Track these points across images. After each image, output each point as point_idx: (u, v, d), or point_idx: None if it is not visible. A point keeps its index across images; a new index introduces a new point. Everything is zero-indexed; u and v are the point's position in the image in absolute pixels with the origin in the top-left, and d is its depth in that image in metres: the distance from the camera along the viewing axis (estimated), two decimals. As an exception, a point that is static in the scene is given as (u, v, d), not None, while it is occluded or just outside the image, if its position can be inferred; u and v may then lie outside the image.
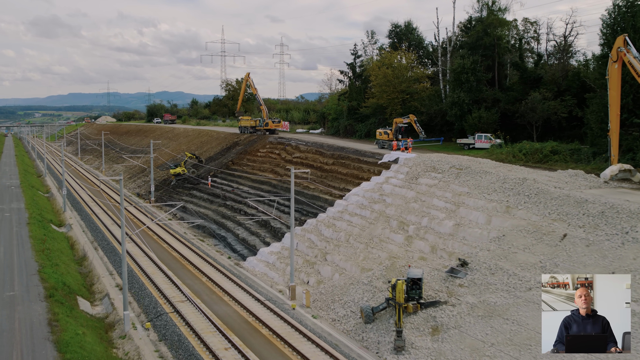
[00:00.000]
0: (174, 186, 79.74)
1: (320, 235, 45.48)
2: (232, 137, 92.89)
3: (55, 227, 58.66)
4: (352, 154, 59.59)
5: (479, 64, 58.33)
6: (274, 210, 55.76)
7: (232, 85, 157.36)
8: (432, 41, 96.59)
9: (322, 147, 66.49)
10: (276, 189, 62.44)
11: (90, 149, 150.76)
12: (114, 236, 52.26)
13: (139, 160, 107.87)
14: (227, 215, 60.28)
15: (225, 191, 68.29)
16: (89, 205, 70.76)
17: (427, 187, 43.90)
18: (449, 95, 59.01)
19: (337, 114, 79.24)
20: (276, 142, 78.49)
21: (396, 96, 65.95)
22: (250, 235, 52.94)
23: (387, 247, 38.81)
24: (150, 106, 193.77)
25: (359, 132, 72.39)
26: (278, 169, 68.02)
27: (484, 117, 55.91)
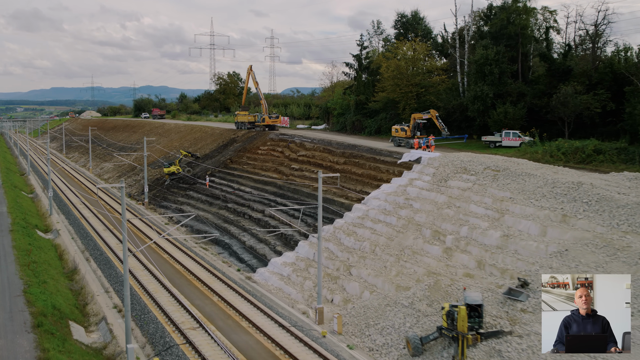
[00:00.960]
0: (168, 186, 74.63)
1: (340, 244, 40.85)
2: (229, 133, 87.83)
3: (41, 234, 53.45)
4: (366, 153, 54.95)
5: (503, 54, 53.88)
6: (286, 216, 51.04)
7: (224, 79, 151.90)
8: (441, 32, 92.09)
9: (331, 145, 61.78)
10: (282, 190, 57.66)
11: (76, 145, 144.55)
12: (108, 245, 47.21)
13: (129, 159, 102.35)
14: (229, 220, 55.39)
15: (226, 192, 63.36)
16: (77, 207, 65.46)
17: (460, 191, 39.40)
18: (470, 89, 54.54)
19: (343, 109, 74.45)
20: (278, 138, 73.62)
21: (410, 90, 61.34)
22: (258, 243, 48.15)
23: (422, 260, 34.27)
24: (138, 101, 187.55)
25: (369, 129, 67.70)
26: (282, 169, 63.20)
27: (510, 113, 51.51)
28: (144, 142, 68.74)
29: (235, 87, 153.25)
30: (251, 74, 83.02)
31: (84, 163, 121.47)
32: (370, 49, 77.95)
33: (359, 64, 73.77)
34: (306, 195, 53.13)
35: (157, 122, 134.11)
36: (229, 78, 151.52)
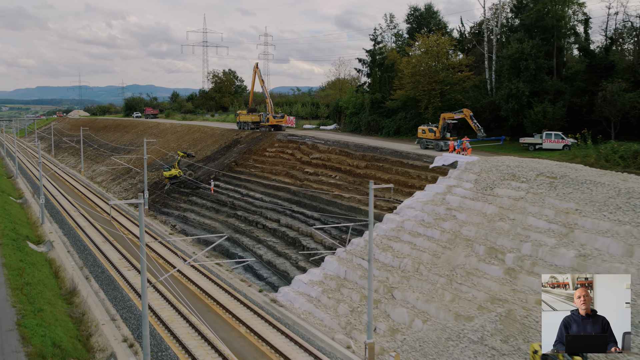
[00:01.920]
0: (168, 191, 69.60)
1: (376, 261, 36.20)
2: (231, 133, 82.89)
3: (32, 246, 48.33)
4: (390, 156, 50.38)
5: (539, 48, 49.48)
6: (305, 226, 46.35)
7: (219, 76, 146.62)
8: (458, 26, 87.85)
9: (348, 147, 57.12)
10: (297, 196, 52.92)
11: (65, 146, 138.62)
12: (109, 261, 42.25)
13: (123, 161, 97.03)
14: (240, 229, 50.55)
15: (233, 198, 58.50)
16: (71, 215, 60.29)
17: (512, 201, 34.93)
18: (503, 86, 50.07)
19: (356, 108, 69.74)
20: (286, 139, 68.84)
21: (433, 87, 56.79)
22: (276, 257, 43.38)
23: (480, 282, 29.73)
24: (129, 99, 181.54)
25: (386, 129, 63.04)
26: (295, 173, 58.44)
27: (550, 112, 47.13)
28: (143, 144, 63.65)
29: (231, 86, 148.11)
30: (257, 72, 78.17)
31: (75, 165, 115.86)
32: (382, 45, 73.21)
33: (373, 60, 69.14)
34: (326, 203, 48.46)
35: (150, 122, 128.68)
36: (225, 76, 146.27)
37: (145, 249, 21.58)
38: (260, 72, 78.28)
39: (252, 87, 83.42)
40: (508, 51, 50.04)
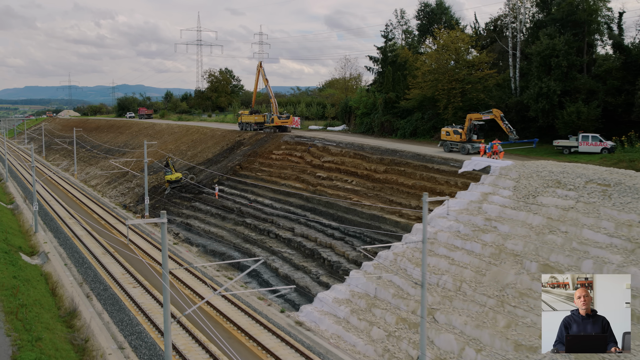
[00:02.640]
0: (168, 195, 65.86)
1: (409, 277, 32.79)
2: (232, 135, 79.23)
3: (26, 258, 44.55)
4: (412, 159, 47.02)
5: (571, 44, 46.28)
6: (323, 236, 42.90)
7: (215, 76, 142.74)
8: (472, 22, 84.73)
9: (363, 149, 53.69)
10: (311, 203, 49.45)
11: (57, 147, 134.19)
12: (112, 276, 38.53)
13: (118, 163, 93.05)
14: (251, 239, 47.02)
15: (240, 204, 54.92)
16: (66, 222, 56.43)
17: (561, 211, 31.64)
18: (533, 85, 46.77)
19: (368, 108, 66.28)
20: (293, 141, 65.33)
21: (453, 86, 53.45)
22: (294, 270, 39.86)
23: (538, 305, 26.31)
24: (122, 99, 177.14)
25: (402, 130, 59.59)
26: (306, 177, 54.95)
27: (584, 113, 43.95)
28: (143, 146, 59.79)
29: (228, 85, 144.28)
30: (261, 70, 74.58)
31: (67, 167, 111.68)
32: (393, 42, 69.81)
33: (384, 58, 65.73)
34: (344, 211, 45.02)
35: (145, 122, 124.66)
36: (221, 75, 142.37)
37: (168, 277, 18.03)
38: (264, 71, 74.63)
39: (255, 87, 79.81)
40: (537, 47, 46.79)
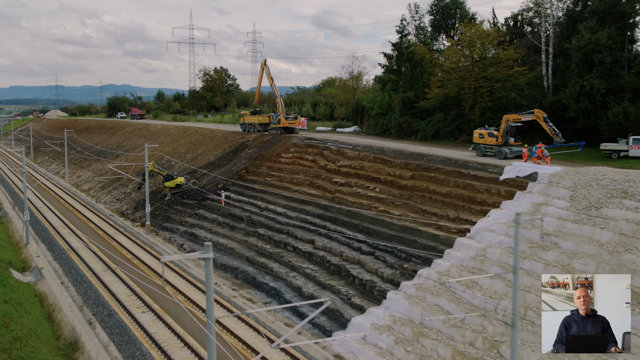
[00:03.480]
0: (169, 202, 61.44)
1: (459, 301, 28.80)
2: (235, 136, 74.92)
3: (17, 275, 40.14)
4: (442, 164, 43.07)
5: (615, 39, 42.56)
6: (348, 250, 38.79)
7: (210, 74, 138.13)
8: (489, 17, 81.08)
9: (383, 152, 49.69)
10: (330, 212, 45.33)
11: (46, 149, 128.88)
12: (116, 298, 34.18)
13: (111, 166, 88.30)
14: (266, 252, 42.82)
15: (250, 212, 50.69)
16: (59, 232, 51.92)
17: (635, 226, 27.78)
18: (573, 83, 42.98)
19: (383, 108, 62.23)
20: (303, 144, 61.18)
21: (480, 84, 49.56)
22: (320, 290, 35.72)
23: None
24: (112, 99, 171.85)
25: (422, 132, 55.52)
26: (321, 183, 50.84)
27: (632, 114, 40.24)
28: (144, 148, 55.28)
29: (223, 84, 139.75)
30: (265, 69, 70.26)
31: (57, 170, 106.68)
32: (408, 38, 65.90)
33: (400, 55, 61.75)
34: (370, 221, 40.94)
35: (138, 123, 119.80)
36: (216, 74, 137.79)
37: (214, 328, 13.87)
38: (269, 69, 70.38)
39: (258, 86, 75.35)
40: (577, 42, 43.00)
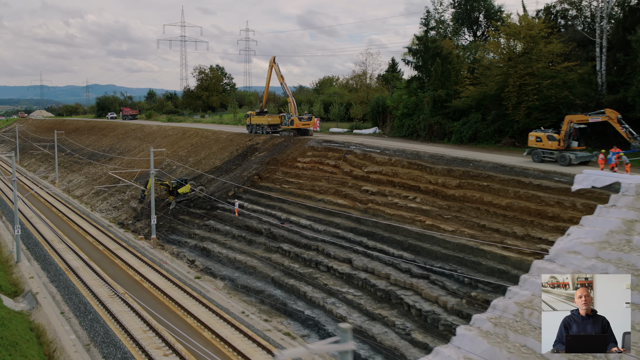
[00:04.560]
0: (174, 212, 55.88)
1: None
2: (241, 138, 69.46)
3: (8, 302, 34.61)
4: (494, 171, 38.04)
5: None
6: (394, 271, 33.60)
7: (206, 73, 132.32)
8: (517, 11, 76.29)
9: (419, 157, 44.63)
10: (363, 225, 40.13)
11: (32, 151, 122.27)
12: (130, 334, 28.64)
13: (104, 170, 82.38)
14: (295, 273, 37.51)
15: (269, 224, 45.37)
16: (54, 247, 46.28)
17: None
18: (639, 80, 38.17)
19: (409, 108, 57.04)
20: (322, 147, 55.95)
21: (526, 81, 44.57)
22: (369, 322, 30.48)
23: None
24: (101, 99, 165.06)
25: (457, 134, 50.26)
26: (348, 191, 45.66)
27: None
28: (151, 155, 49.62)
29: (219, 83, 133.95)
30: (275, 66, 64.85)
31: (46, 174, 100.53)
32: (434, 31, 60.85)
33: (426, 50, 56.66)
34: (417, 237, 35.76)
35: (131, 124, 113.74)
36: (212, 72, 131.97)
37: None
38: (279, 67, 64.99)
39: (266, 85, 69.74)
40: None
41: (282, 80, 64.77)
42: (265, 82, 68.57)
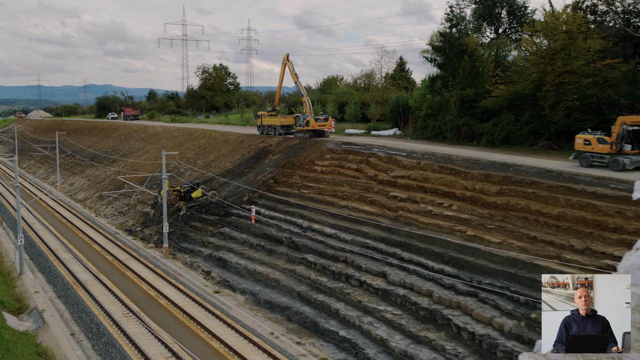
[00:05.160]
0: (184, 217, 52.89)
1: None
2: (253, 140, 66.49)
3: (12, 321, 31.58)
4: (540, 177, 35.12)
5: None
6: (435, 286, 30.67)
7: (209, 72, 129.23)
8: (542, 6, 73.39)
9: (451, 161, 41.71)
10: (395, 234, 37.19)
11: (31, 152, 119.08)
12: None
13: (106, 172, 79.31)
14: (322, 286, 34.56)
15: (289, 232, 42.44)
16: (60, 258, 43.26)
17: None
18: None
19: (434, 108, 54.05)
20: (341, 149, 53.03)
21: (565, 79, 41.66)
22: (415, 346, 27.48)
23: None
24: (101, 99, 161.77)
25: (488, 136, 47.18)
26: (375, 197, 42.74)
27: None
28: (163, 161, 46.58)
29: (222, 83, 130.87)
30: (288, 64, 61.86)
31: (46, 176, 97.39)
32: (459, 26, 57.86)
33: (449, 47, 53.73)
34: (457, 249, 32.84)
35: (134, 125, 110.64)
36: (216, 72, 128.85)
37: None
38: (293, 65, 62.00)
39: (279, 84, 66.61)
40: None
41: (296, 79, 61.76)
42: (278, 81, 65.49)
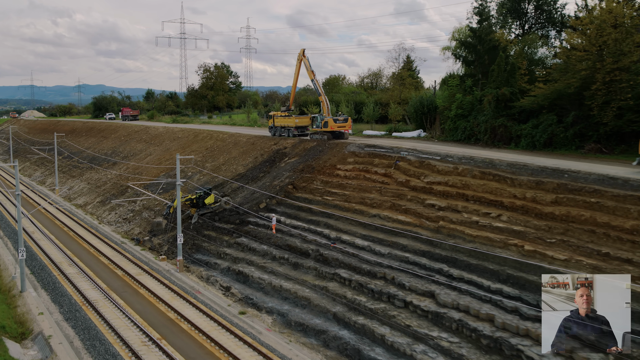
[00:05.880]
0: (196, 226, 49.22)
1: None
2: (265, 142, 62.85)
3: (14, 349, 28.00)
4: (602, 185, 31.73)
5: None
6: (494, 309, 27.13)
7: (210, 71, 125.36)
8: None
9: (494, 166, 38.26)
10: (438, 248, 33.66)
11: (26, 153, 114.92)
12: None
13: (107, 175, 75.46)
14: (361, 307, 31.02)
15: (317, 244, 38.87)
16: (65, 273, 39.51)
17: None
18: None
19: (464, 108, 50.50)
20: (364, 152, 49.53)
21: (617, 77, 38.21)
22: (481, 380, 23.95)
23: None
24: (98, 98, 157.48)
25: (528, 139, 43.48)
26: (408, 205, 39.22)
27: None
28: (177, 168, 42.88)
29: (224, 82, 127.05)
30: (304, 60, 58.20)
31: (42, 179, 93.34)
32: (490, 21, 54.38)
33: (479, 43, 50.26)
34: (516, 266, 29.36)
35: (134, 125, 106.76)
36: (217, 70, 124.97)
37: None
38: (309, 62, 58.37)
39: (294, 81, 62.83)
40: None
41: (313, 77, 58.08)
42: (293, 78, 61.68)
